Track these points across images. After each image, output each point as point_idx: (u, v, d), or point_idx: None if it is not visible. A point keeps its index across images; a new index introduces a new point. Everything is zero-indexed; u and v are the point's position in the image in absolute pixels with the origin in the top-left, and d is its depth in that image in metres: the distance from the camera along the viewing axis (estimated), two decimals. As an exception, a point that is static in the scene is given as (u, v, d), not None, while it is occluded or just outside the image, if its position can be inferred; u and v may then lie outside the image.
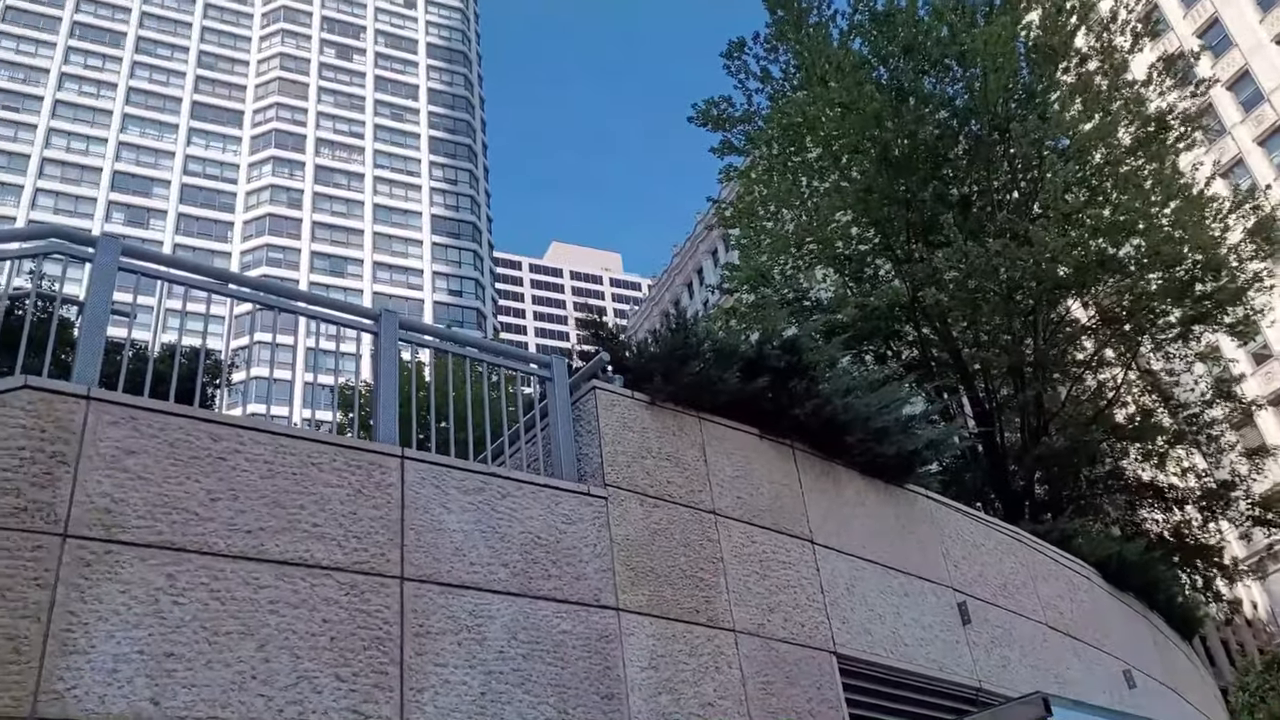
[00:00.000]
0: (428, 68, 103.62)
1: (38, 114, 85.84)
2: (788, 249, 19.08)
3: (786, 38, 18.61)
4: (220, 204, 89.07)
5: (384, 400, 6.42)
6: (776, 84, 19.25)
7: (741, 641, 6.67)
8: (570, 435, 7.04)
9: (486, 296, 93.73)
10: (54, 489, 4.85)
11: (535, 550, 6.19)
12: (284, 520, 5.42)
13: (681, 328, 7.64)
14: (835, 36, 18.30)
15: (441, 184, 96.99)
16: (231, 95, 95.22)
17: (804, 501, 7.87)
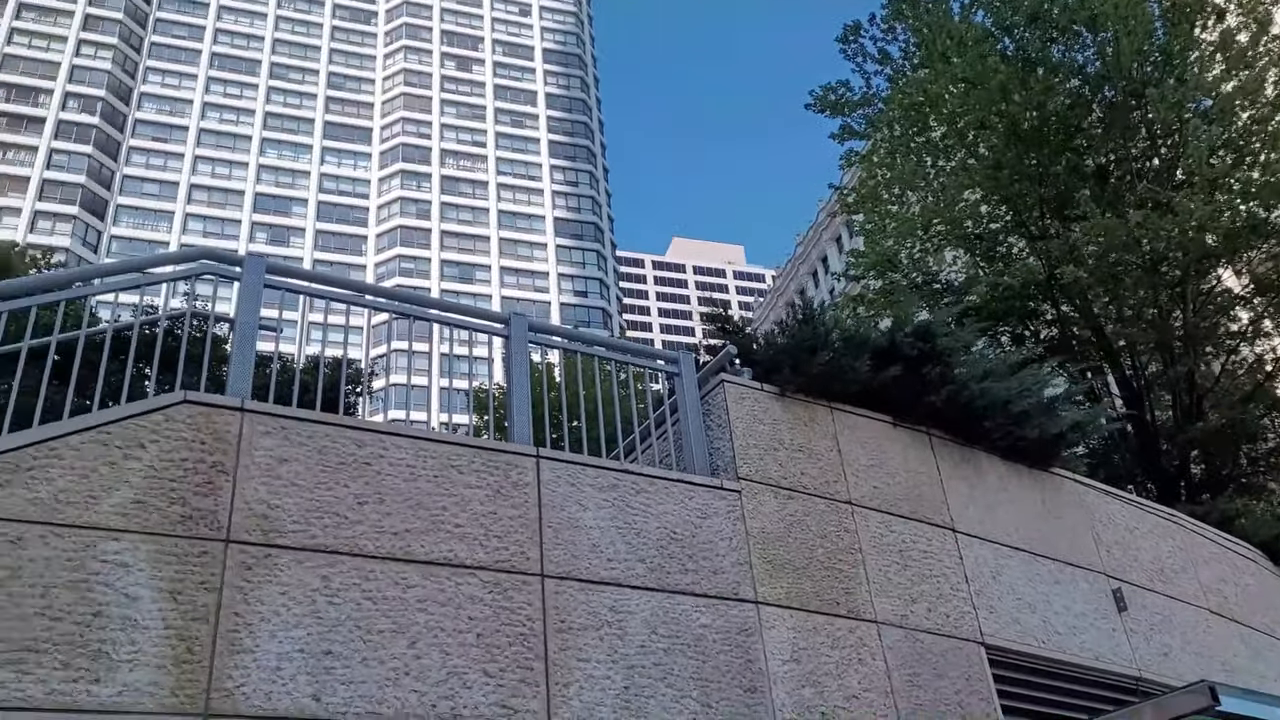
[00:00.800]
0: (545, 73, 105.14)
1: (184, 143, 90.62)
2: (914, 232, 18.64)
3: (904, 16, 18.20)
4: (354, 219, 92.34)
5: (517, 402, 6.54)
6: (895, 64, 18.85)
7: (884, 633, 6.57)
8: (701, 429, 7.05)
9: (611, 296, 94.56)
10: (215, 497, 5.11)
11: (671, 545, 6.22)
12: (428, 521, 5.59)
13: (809, 318, 7.55)
14: (955, 11, 17.80)
15: (563, 187, 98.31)
16: (360, 113, 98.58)
17: (943, 489, 7.69)
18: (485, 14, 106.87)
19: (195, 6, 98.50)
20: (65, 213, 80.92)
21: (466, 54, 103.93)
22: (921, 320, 8.65)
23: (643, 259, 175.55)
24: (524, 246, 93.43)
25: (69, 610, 4.51)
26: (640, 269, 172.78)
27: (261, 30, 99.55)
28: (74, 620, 4.49)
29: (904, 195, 19.28)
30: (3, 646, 4.31)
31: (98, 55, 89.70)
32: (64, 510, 4.75)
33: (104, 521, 4.80)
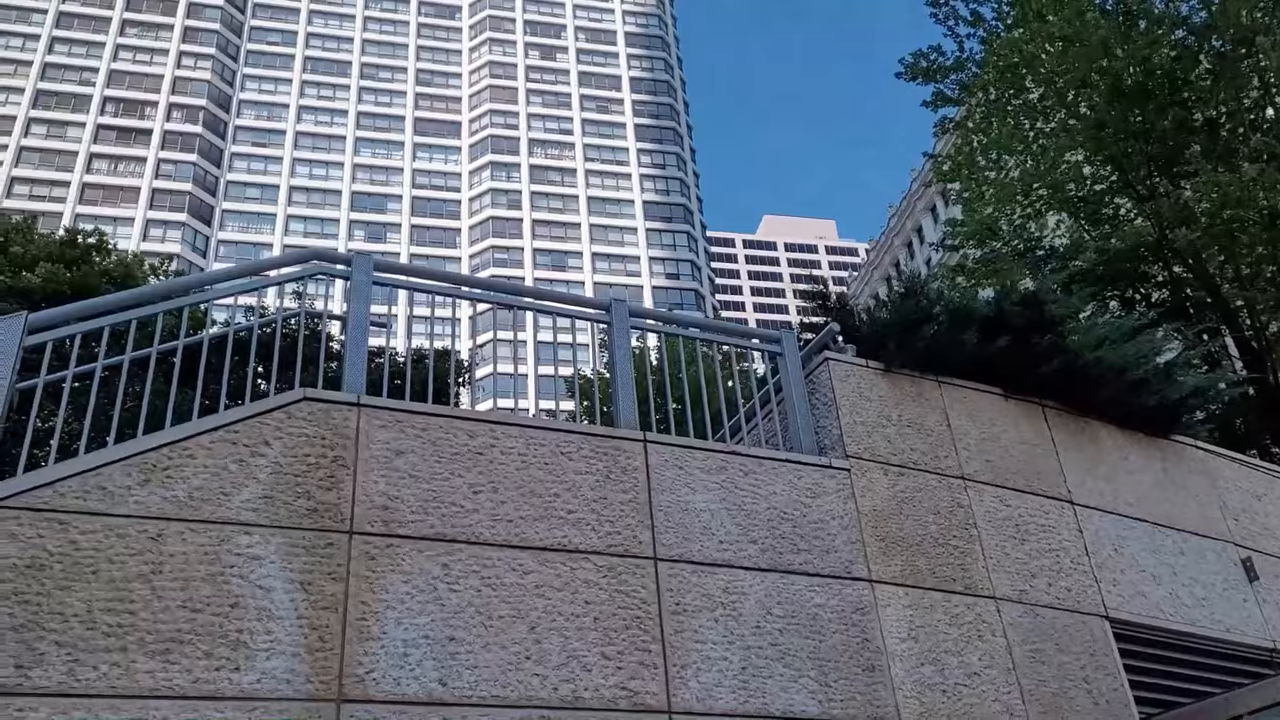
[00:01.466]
0: (628, 57, 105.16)
1: (282, 147, 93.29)
2: (1014, 197, 18.12)
3: (995, -26, 17.68)
4: (447, 212, 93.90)
5: (622, 387, 6.59)
6: (989, 25, 18.30)
7: (1004, 609, 6.45)
8: (806, 409, 7.01)
9: (703, 277, 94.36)
10: (338, 490, 5.28)
11: (782, 525, 6.21)
12: (540, 508, 5.68)
13: (913, 291, 7.43)
14: (1051, -34, 17.20)
15: (650, 170, 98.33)
16: (448, 108, 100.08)
17: (1059, 461, 7.50)
18: (566, 1, 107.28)
19: (287, 13, 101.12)
20: (175, 220, 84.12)
21: (550, 42, 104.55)
22: (1028, 288, 8.44)
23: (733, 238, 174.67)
24: (614, 231, 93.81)
25: (208, 602, 4.71)
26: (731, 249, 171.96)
27: (350, 32, 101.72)
28: (213, 611, 4.70)
29: (1001, 160, 18.77)
30: (150, 638, 4.54)
31: (197, 66, 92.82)
32: (199, 507, 4.96)
33: (236, 516, 5.00)
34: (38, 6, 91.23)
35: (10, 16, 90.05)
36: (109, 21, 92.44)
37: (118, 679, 4.40)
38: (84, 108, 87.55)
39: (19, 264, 19.18)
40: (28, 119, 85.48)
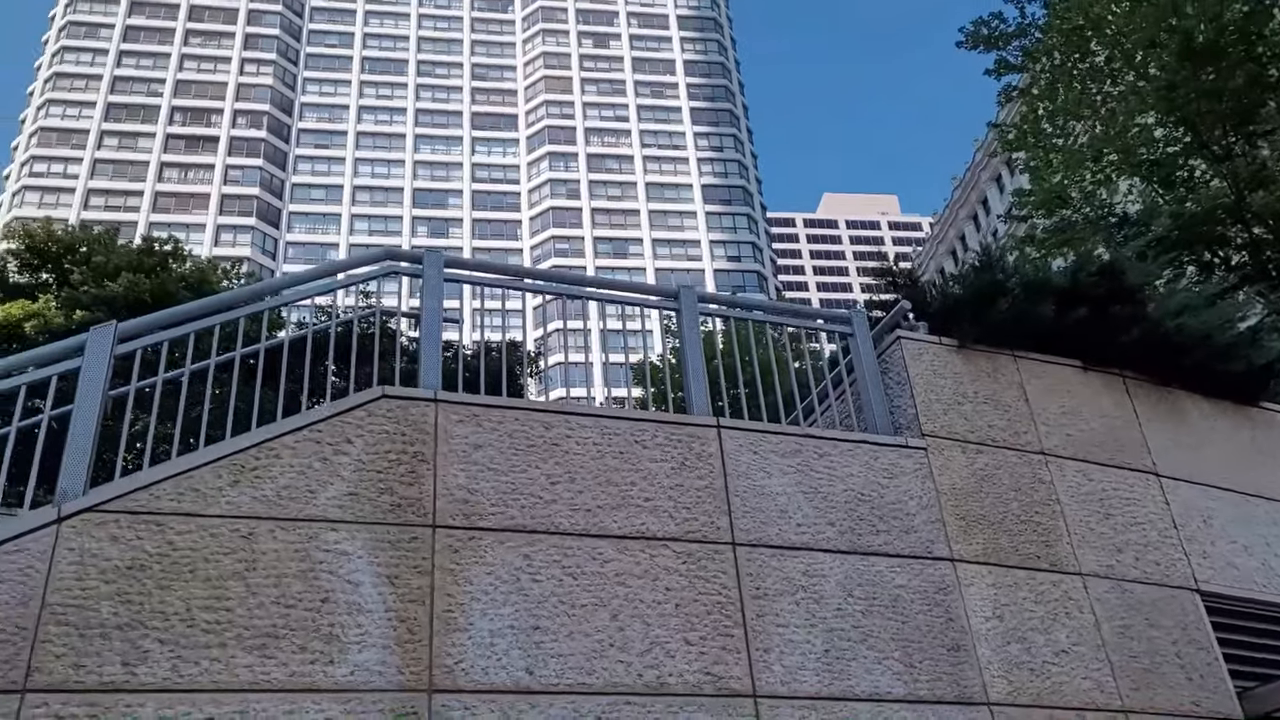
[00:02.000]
0: (681, 40, 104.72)
1: (344, 148, 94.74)
2: (1083, 164, 17.72)
3: (1057, -64, 17.26)
4: (507, 205, 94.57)
5: (693, 374, 6.60)
6: (1051, -12, 17.90)
7: (1090, 585, 6.34)
8: (880, 388, 6.95)
9: (765, 258, 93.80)
10: (419, 485, 5.38)
11: (860, 507, 6.18)
12: (617, 497, 5.72)
13: (986, 265, 7.31)
14: (1114, -75, 16.75)
15: (708, 153, 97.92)
16: (505, 100, 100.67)
17: (1142, 432, 7.34)
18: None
19: (344, 15, 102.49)
20: (244, 224, 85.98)
21: (602, 30, 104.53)
22: (1103, 257, 8.25)
23: (793, 218, 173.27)
24: (674, 216, 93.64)
25: (301, 597, 4.84)
26: (792, 228, 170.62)
27: (406, 30, 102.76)
28: (306, 607, 4.82)
29: (1069, 126, 18.38)
30: (247, 634, 4.68)
31: (259, 72, 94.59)
32: (287, 505, 5.09)
33: (323, 513, 5.12)
34: (105, 22, 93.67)
35: (80, 33, 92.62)
36: (173, 33, 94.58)
37: (218, 674, 4.55)
38: (153, 118, 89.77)
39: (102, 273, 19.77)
40: (100, 132, 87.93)
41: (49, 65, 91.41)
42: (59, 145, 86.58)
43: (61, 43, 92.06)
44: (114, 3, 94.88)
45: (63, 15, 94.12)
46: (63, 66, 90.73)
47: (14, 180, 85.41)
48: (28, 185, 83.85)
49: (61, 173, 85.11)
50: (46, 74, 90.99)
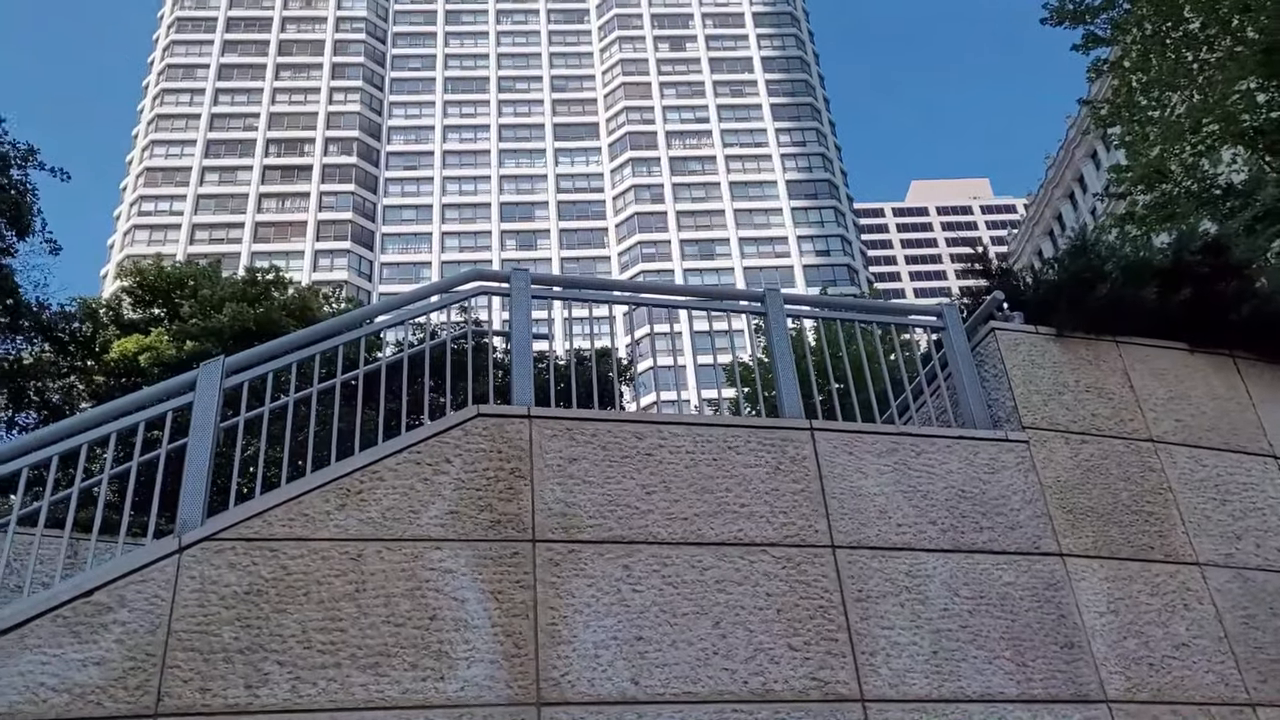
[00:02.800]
0: (758, 37, 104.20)
1: (432, 168, 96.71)
2: (1182, 135, 17.05)
3: (1144, -99, 16.67)
4: (592, 213, 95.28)
5: (783, 376, 6.57)
6: (1140, -45, 17.30)
7: (1209, 574, 6.12)
8: (976, 382, 6.82)
9: (854, 251, 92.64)
10: (517, 501, 5.47)
11: (961, 504, 6.07)
12: (713, 504, 5.73)
13: (1081, 249, 7.11)
14: (1203, -115, 16.12)
15: (791, 149, 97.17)
16: (585, 110, 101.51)
17: (1256, 414, 7.05)
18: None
19: (425, 38, 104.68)
20: (339, 248, 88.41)
21: (678, 33, 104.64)
22: (1208, 233, 7.95)
23: (882, 208, 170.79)
24: (759, 214, 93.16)
25: (409, 616, 4.97)
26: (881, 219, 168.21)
27: (485, 48, 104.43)
28: (415, 625, 4.95)
29: (1164, 97, 17.71)
30: (360, 653, 4.82)
31: (347, 100, 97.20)
32: (392, 526, 5.24)
33: (427, 533, 5.25)
34: (200, 63, 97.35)
35: (178, 75, 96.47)
36: (264, 68, 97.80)
37: (335, 693, 4.70)
38: (250, 152, 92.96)
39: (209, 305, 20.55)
40: (202, 168, 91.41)
41: (151, 108, 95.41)
42: (164, 184, 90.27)
43: (161, 86, 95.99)
44: (208, 45, 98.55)
45: (160, 60, 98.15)
46: (163, 109, 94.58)
47: (124, 220, 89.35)
48: (137, 224, 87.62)
49: (168, 210, 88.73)
50: (149, 116, 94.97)
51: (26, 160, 18.89)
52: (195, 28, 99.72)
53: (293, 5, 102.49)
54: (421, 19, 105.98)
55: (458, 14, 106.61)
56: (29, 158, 18.90)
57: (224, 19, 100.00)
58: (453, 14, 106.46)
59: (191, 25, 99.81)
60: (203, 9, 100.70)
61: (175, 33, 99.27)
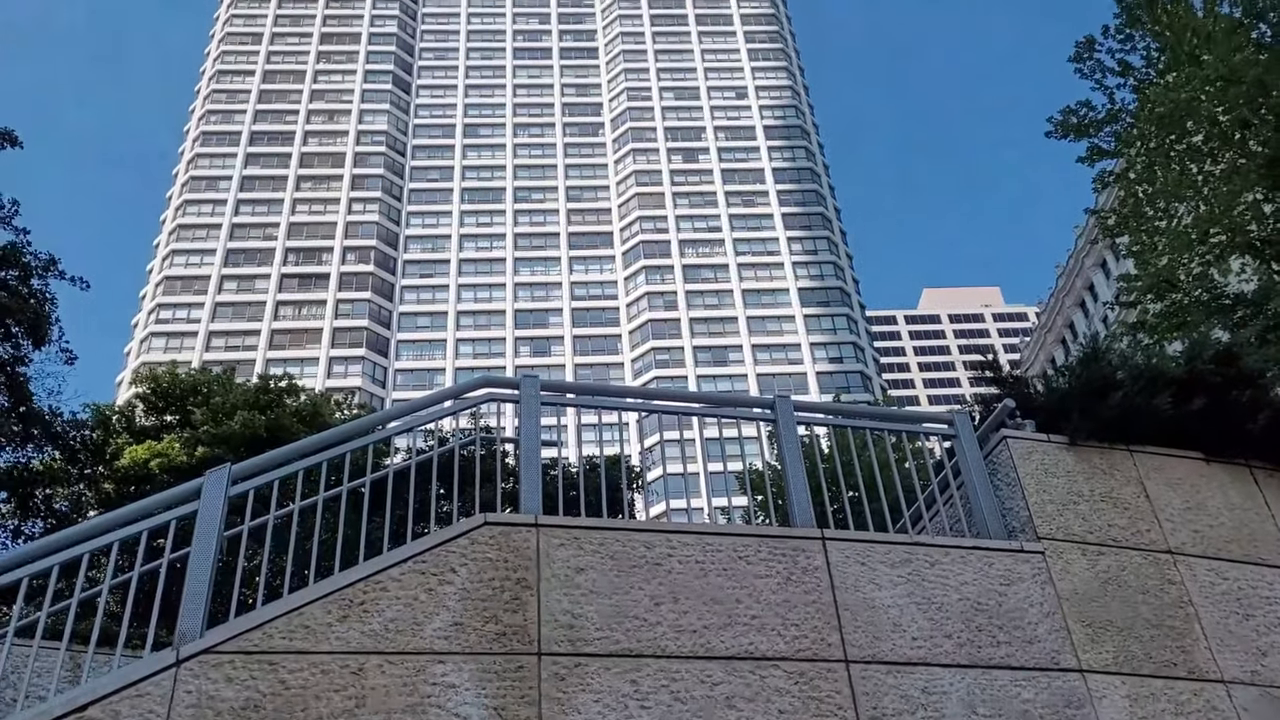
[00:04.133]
0: (769, 149, 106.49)
1: (448, 275, 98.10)
2: (1190, 245, 17.18)
3: (1140, 22, 17.15)
4: (606, 320, 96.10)
5: (794, 485, 6.50)
6: (1139, 74, 17.72)
7: (1235, 692, 5.92)
8: (989, 491, 6.74)
9: (867, 358, 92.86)
10: (523, 613, 5.37)
11: (977, 617, 5.93)
12: (723, 616, 5.61)
13: (1093, 357, 7.10)
14: (1198, 5, 16.61)
15: (802, 257, 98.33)
16: (599, 219, 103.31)
17: (1276, 525, 6.92)
18: (704, 104, 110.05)
19: (443, 150, 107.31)
20: (354, 355, 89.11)
21: (691, 145, 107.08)
22: (1220, 342, 7.93)
23: (894, 315, 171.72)
24: (772, 321, 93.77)
25: (409, 733, 4.82)
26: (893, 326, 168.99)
27: (502, 160, 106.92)
28: (414, 742, 4.80)
29: (1171, 208, 17.90)
30: (357, 771, 4.67)
31: (366, 210, 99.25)
32: (395, 638, 5.13)
33: (430, 646, 5.14)
34: (223, 174, 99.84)
35: (200, 186, 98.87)
36: (285, 180, 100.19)
37: (330, 814, 4.54)
38: (268, 261, 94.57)
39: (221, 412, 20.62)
40: (220, 277, 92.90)
41: (173, 218, 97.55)
42: (183, 292, 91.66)
43: (184, 197, 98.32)
44: (231, 157, 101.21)
45: (185, 172, 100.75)
46: (185, 219, 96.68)
47: (142, 328, 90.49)
48: (154, 332, 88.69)
49: (185, 318, 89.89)
50: (171, 226, 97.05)
51: (47, 270, 19.24)
52: (220, 141, 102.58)
53: (315, 120, 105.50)
54: (440, 132, 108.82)
55: (476, 127, 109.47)
56: (50, 267, 19.26)
57: (248, 133, 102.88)
58: (471, 127, 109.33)
59: (216, 139, 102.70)
60: (227, 124, 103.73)
61: (200, 146, 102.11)
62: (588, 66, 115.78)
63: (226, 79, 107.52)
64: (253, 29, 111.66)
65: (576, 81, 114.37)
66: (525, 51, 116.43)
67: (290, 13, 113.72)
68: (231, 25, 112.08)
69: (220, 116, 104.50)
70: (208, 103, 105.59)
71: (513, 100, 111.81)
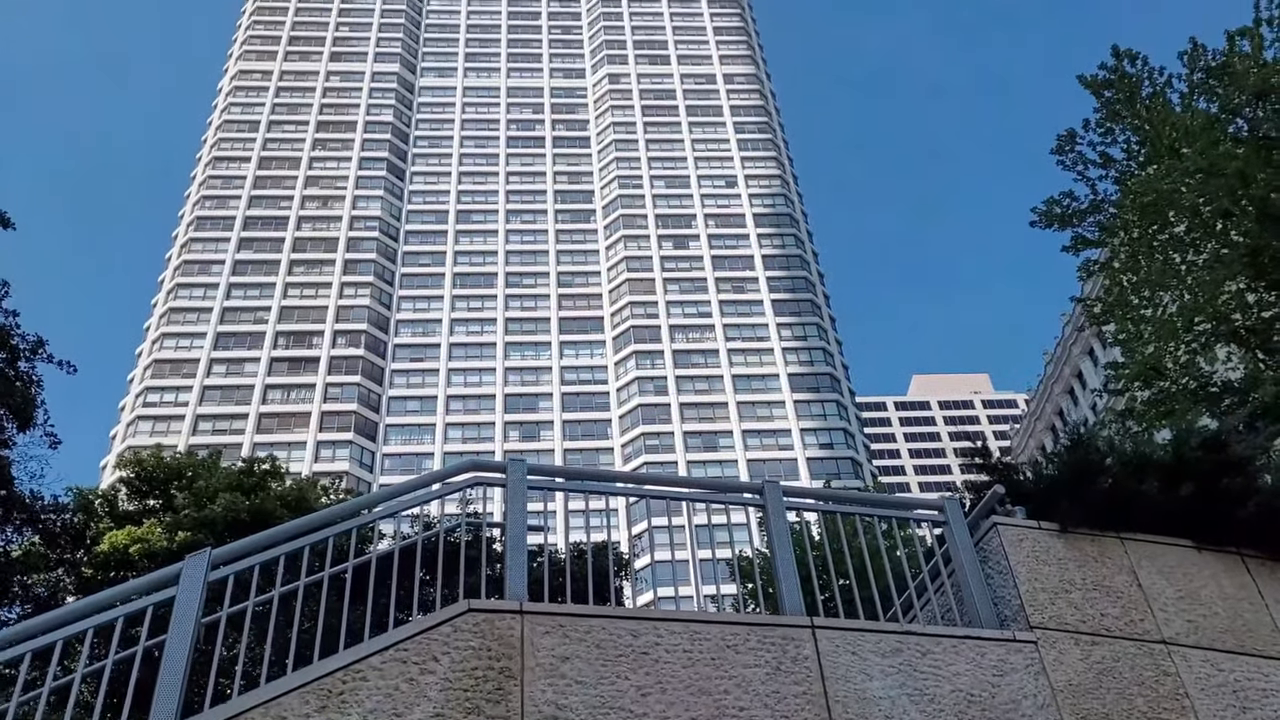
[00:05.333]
0: (758, 236, 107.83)
1: (438, 360, 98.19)
2: (1175, 334, 17.32)
3: (1120, 116, 17.57)
4: (596, 405, 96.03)
5: (783, 572, 6.42)
6: (1120, 165, 18.08)
7: (1235, 789, 5.78)
8: (980, 578, 6.66)
9: (858, 444, 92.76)
10: (506, 703, 5.24)
11: (970, 709, 5.81)
12: (711, 707, 5.48)
13: (1079, 443, 7.10)
14: (1176, 101, 17.03)
15: (792, 343, 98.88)
16: (590, 304, 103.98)
17: (1270, 615, 6.84)
18: (694, 192, 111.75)
19: (435, 235, 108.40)
20: (342, 439, 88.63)
21: (681, 232, 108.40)
22: (1207, 429, 7.94)
23: (884, 401, 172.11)
24: (762, 407, 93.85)
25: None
26: (883, 412, 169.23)
27: (494, 245, 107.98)
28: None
29: (1156, 297, 18.10)
30: None
31: (358, 294, 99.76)
32: (373, 730, 4.98)
33: (409, 737, 4.99)
34: (216, 259, 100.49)
35: (193, 270, 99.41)
36: (278, 264, 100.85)
37: None
38: (259, 344, 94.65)
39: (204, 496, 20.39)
40: (210, 360, 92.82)
41: (164, 301, 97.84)
42: (171, 375, 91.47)
43: (176, 280, 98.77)
44: (224, 242, 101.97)
45: (178, 256, 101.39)
46: (176, 302, 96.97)
47: (129, 411, 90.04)
48: (141, 415, 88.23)
49: (173, 401, 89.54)
50: (162, 309, 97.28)
51: (35, 353, 19.15)
52: (214, 226, 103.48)
53: (309, 205, 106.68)
54: (433, 217, 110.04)
55: (468, 213, 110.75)
56: (38, 350, 19.18)
57: (242, 217, 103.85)
58: (463, 213, 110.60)
59: (210, 224, 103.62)
60: (222, 209, 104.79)
61: (194, 230, 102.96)
62: (580, 155, 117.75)
63: (223, 165, 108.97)
64: (250, 117, 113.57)
65: (568, 169, 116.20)
66: (518, 140, 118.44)
67: (288, 101, 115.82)
68: (229, 113, 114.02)
69: (215, 202, 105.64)
70: (203, 188, 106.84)
71: (505, 187, 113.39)
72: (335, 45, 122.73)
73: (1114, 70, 17.56)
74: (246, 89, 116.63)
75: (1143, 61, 17.45)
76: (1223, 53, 16.37)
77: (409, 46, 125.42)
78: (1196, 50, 16.81)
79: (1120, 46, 17.61)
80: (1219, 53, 16.51)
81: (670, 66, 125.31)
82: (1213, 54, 16.61)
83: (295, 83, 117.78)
